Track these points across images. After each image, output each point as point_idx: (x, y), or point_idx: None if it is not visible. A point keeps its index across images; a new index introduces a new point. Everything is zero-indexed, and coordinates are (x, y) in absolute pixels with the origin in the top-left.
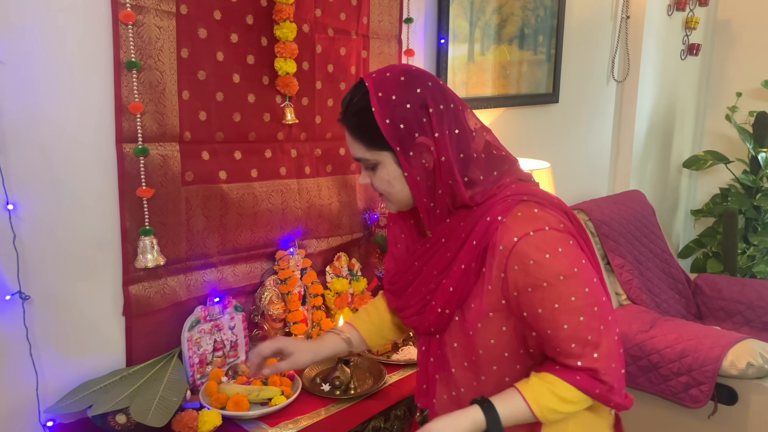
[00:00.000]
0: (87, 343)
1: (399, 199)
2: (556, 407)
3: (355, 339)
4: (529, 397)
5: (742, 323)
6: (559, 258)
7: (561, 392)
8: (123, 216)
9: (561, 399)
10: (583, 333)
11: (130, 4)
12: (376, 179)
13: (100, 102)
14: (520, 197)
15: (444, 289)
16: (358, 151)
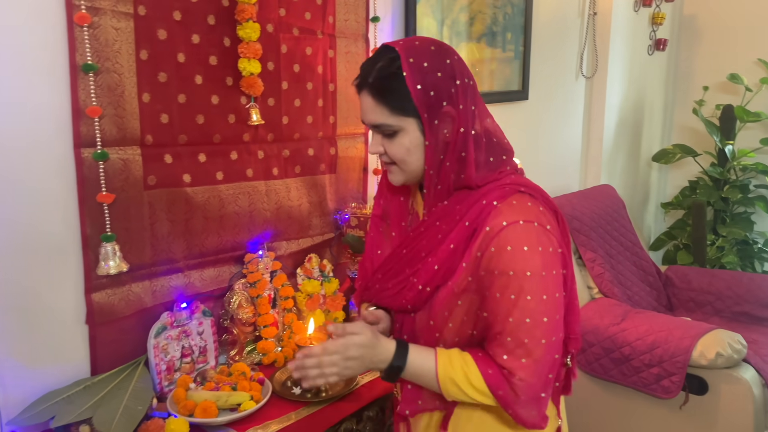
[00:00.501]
0: (50, 353)
1: (411, 170)
2: (460, 385)
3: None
4: (440, 362)
5: (712, 313)
6: (535, 255)
7: (471, 376)
8: (83, 222)
9: (468, 382)
10: (522, 334)
11: (85, 5)
12: (393, 146)
13: (56, 106)
14: (518, 187)
15: (429, 267)
16: (381, 117)
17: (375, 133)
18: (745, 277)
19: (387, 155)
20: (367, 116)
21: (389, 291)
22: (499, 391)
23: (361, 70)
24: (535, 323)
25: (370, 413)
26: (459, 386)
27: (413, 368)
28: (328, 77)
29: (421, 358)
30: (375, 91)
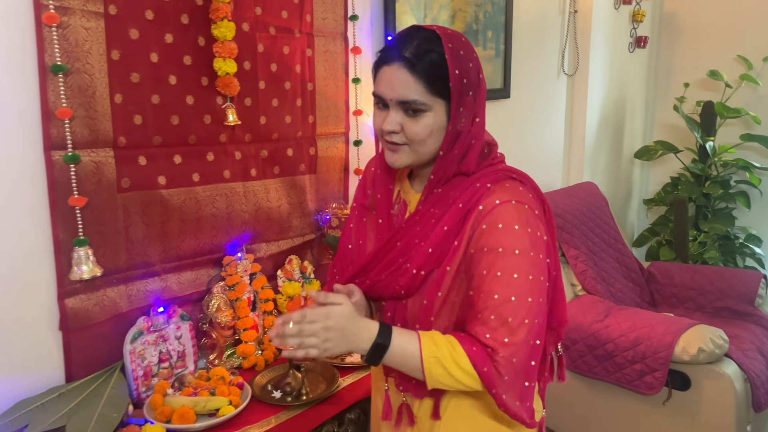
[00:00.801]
0: (23, 360)
1: (424, 152)
2: (446, 364)
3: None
4: (424, 342)
5: (694, 309)
6: (524, 235)
7: (456, 354)
8: (55, 227)
9: (453, 360)
10: (506, 312)
11: (54, 5)
12: (416, 126)
13: (24, 108)
14: (510, 173)
15: (423, 251)
16: (415, 93)
17: (396, 109)
18: (727, 273)
19: (403, 134)
20: (398, 90)
21: (383, 281)
22: (483, 368)
23: (392, 43)
24: (520, 302)
25: (351, 416)
26: (444, 366)
27: (397, 347)
28: (306, 76)
29: (405, 338)
30: (413, 66)
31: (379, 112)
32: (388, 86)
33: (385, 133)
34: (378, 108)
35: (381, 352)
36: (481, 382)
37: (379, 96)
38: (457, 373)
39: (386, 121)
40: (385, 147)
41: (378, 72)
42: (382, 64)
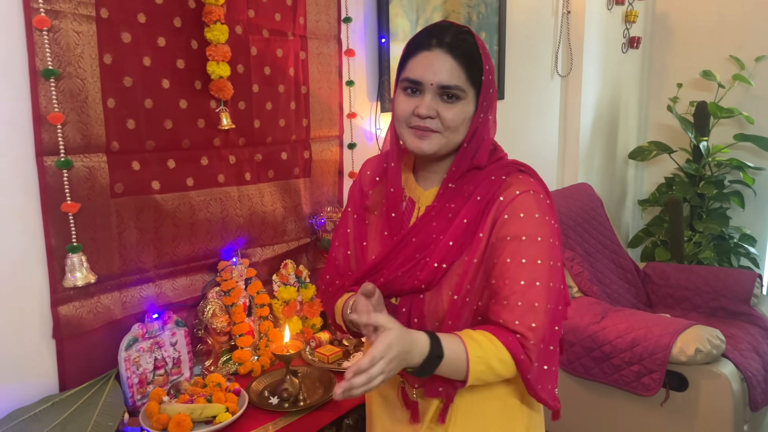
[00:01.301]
0: (15, 369)
1: (453, 140)
2: (490, 360)
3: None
4: (467, 343)
5: (690, 309)
6: (544, 223)
7: (499, 351)
8: (47, 233)
9: (496, 355)
10: (532, 297)
11: (44, 8)
12: (452, 112)
13: (15, 113)
14: (518, 166)
15: (443, 245)
16: (457, 79)
17: (432, 94)
18: (722, 273)
19: (438, 120)
20: (440, 74)
21: (400, 278)
22: (520, 356)
23: (429, 31)
24: (544, 288)
25: (349, 421)
26: (488, 364)
27: (449, 355)
28: (300, 79)
29: (453, 344)
30: (457, 54)
31: (408, 98)
32: (429, 70)
33: (419, 118)
34: (406, 94)
35: (436, 363)
36: (517, 370)
37: (413, 80)
38: (499, 367)
39: (423, 105)
40: (412, 133)
41: (414, 57)
42: (421, 49)
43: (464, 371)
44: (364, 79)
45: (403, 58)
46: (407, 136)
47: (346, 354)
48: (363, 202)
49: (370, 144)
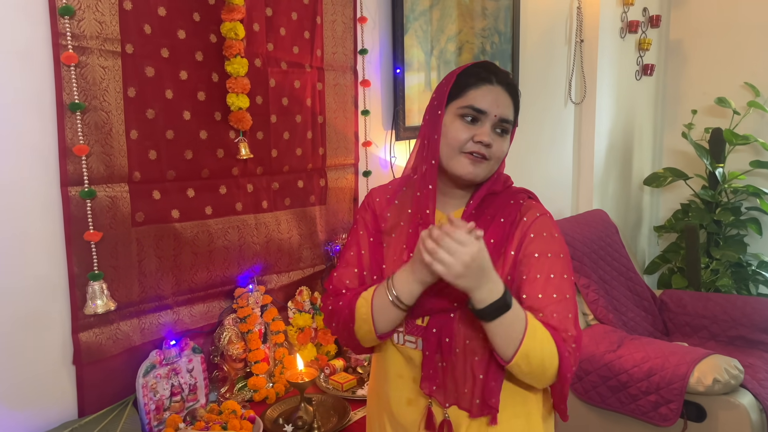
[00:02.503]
0: (36, 394)
1: (492, 170)
2: (543, 351)
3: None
4: (530, 326)
5: (708, 338)
6: (561, 241)
7: (551, 345)
8: (70, 261)
9: (550, 351)
10: (564, 309)
11: (72, 45)
12: (503, 143)
13: (42, 145)
14: (526, 192)
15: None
16: (512, 115)
17: (490, 126)
18: (740, 301)
19: (491, 149)
20: (502, 109)
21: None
22: (565, 353)
23: (490, 67)
24: (572, 300)
25: None
26: (541, 343)
27: (514, 312)
28: (316, 109)
29: (518, 307)
30: (513, 93)
31: (466, 125)
32: (494, 103)
33: (480, 145)
34: (464, 121)
35: (502, 311)
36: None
37: (478, 109)
38: (545, 355)
39: (485, 134)
40: (467, 159)
41: (476, 89)
42: (484, 83)
43: (518, 340)
44: (380, 109)
45: (458, 88)
46: (459, 159)
47: (360, 382)
48: (378, 225)
49: (384, 171)
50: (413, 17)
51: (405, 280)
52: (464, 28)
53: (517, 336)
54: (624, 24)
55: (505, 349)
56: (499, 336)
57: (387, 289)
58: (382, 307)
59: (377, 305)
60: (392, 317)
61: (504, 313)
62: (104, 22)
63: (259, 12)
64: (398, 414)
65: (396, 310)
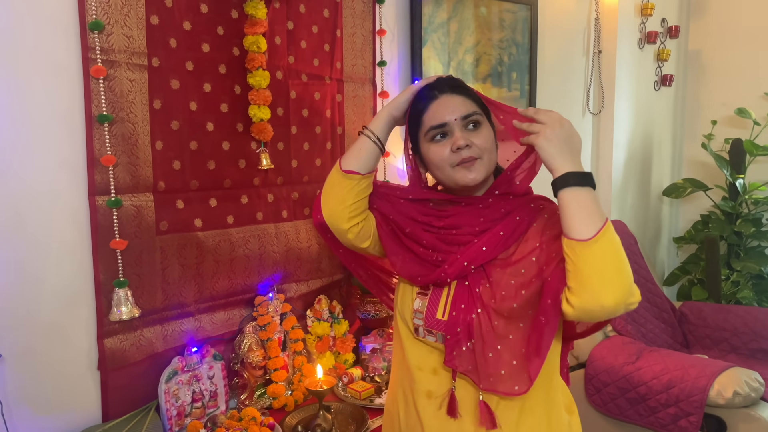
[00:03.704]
0: (61, 399)
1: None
2: (621, 247)
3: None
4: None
5: (728, 350)
6: None
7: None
8: (96, 269)
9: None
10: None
11: (101, 59)
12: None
13: (71, 156)
14: (547, 199)
15: (476, 248)
16: (471, 107)
17: (459, 128)
18: (761, 313)
19: (475, 147)
20: (457, 110)
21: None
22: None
23: (429, 85)
24: None
25: None
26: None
27: (592, 198)
28: (336, 121)
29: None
30: (459, 90)
31: (440, 144)
32: (446, 111)
33: (459, 151)
34: (435, 142)
35: (589, 179)
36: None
37: (437, 125)
38: (624, 255)
39: (456, 139)
40: (462, 169)
41: (426, 111)
42: (429, 101)
43: (602, 217)
44: None
45: (414, 119)
46: (456, 173)
47: (378, 390)
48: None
49: (402, 181)
50: (431, 29)
51: (376, 117)
52: (482, 39)
53: (600, 214)
54: (642, 35)
55: (589, 223)
56: (581, 207)
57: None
58: (353, 145)
59: (352, 146)
60: (356, 145)
61: (590, 186)
62: (132, 37)
63: (280, 26)
64: (419, 406)
65: (360, 136)
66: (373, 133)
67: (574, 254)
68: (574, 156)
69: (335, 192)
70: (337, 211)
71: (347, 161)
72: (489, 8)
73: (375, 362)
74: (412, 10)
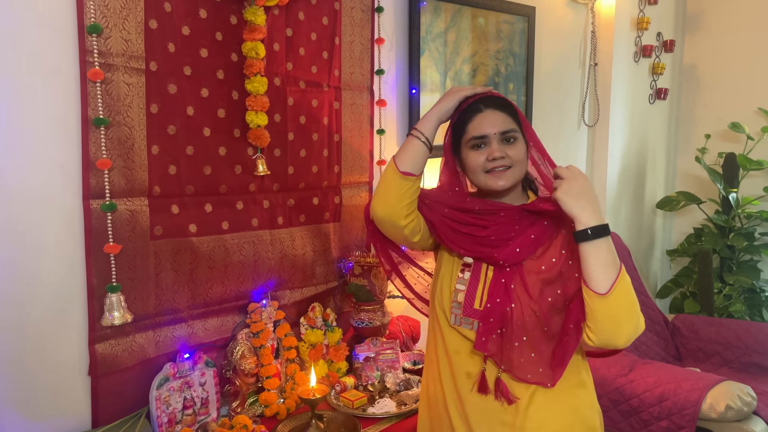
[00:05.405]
0: (51, 405)
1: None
2: (633, 293)
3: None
4: (623, 268)
5: (721, 364)
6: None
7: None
8: (89, 273)
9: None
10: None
11: (99, 62)
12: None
13: (66, 159)
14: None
15: (511, 249)
16: (510, 124)
17: (497, 141)
18: (753, 327)
19: (508, 158)
20: (498, 125)
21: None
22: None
23: (481, 100)
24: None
25: None
26: (631, 286)
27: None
28: (333, 128)
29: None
30: (503, 108)
31: (478, 152)
32: (488, 125)
33: (494, 161)
34: (474, 150)
35: (605, 231)
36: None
37: (478, 137)
38: (635, 300)
39: (493, 151)
40: (492, 176)
41: (471, 121)
42: (475, 114)
43: (616, 269)
44: (395, 128)
45: (459, 126)
46: (487, 178)
47: (371, 399)
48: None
49: None
50: (429, 39)
51: (425, 119)
52: (479, 50)
53: (614, 266)
54: (638, 48)
55: (603, 279)
56: (597, 262)
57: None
58: (402, 146)
59: (402, 147)
60: (410, 148)
61: (605, 236)
62: (130, 40)
63: (279, 32)
64: (459, 384)
65: (413, 139)
66: (424, 135)
67: (591, 301)
68: (591, 204)
69: (393, 191)
70: (397, 208)
71: (404, 163)
72: (487, 19)
73: (368, 371)
74: (411, 20)
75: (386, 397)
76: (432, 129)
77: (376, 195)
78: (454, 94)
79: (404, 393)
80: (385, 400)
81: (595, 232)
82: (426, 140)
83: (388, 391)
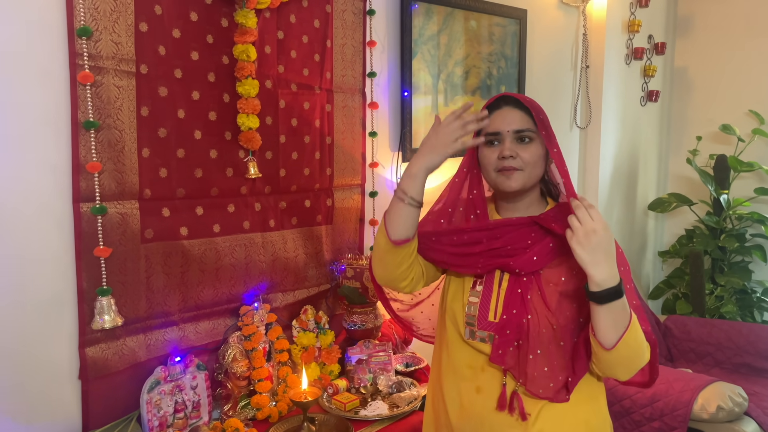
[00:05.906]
0: (41, 408)
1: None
2: (641, 342)
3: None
4: (633, 319)
5: (713, 365)
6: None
7: (644, 339)
8: (80, 276)
9: (645, 343)
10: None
11: (89, 65)
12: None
13: (56, 162)
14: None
15: (527, 257)
16: (527, 124)
17: (510, 139)
18: (745, 328)
19: (519, 159)
20: (514, 124)
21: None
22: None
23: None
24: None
25: None
26: (640, 334)
27: (624, 300)
28: (325, 130)
29: (624, 305)
30: (522, 106)
31: (491, 149)
32: (503, 122)
33: (504, 160)
34: (489, 145)
35: (617, 296)
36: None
37: (492, 133)
38: (643, 346)
39: (504, 149)
40: (502, 175)
41: (489, 118)
42: (494, 110)
43: (623, 327)
44: (387, 130)
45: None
46: (497, 178)
47: (363, 402)
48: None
49: (390, 192)
50: (421, 41)
51: (408, 171)
52: (471, 52)
53: (623, 323)
54: (629, 50)
55: (611, 335)
56: (606, 321)
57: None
58: (391, 209)
59: (388, 210)
60: (400, 214)
61: (617, 300)
62: (120, 43)
63: (271, 35)
64: (466, 401)
65: (401, 204)
66: (414, 199)
67: (596, 349)
68: (607, 261)
69: (390, 260)
70: (394, 275)
71: (395, 231)
72: (479, 22)
73: (360, 373)
74: (403, 22)
75: (378, 399)
76: (420, 186)
77: (374, 260)
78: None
79: (396, 395)
80: (378, 402)
81: (609, 296)
82: (414, 202)
83: (380, 394)
